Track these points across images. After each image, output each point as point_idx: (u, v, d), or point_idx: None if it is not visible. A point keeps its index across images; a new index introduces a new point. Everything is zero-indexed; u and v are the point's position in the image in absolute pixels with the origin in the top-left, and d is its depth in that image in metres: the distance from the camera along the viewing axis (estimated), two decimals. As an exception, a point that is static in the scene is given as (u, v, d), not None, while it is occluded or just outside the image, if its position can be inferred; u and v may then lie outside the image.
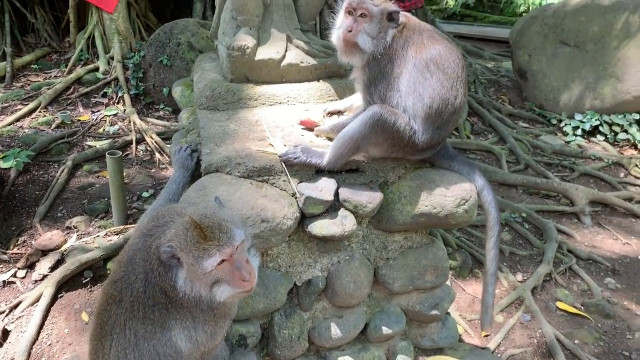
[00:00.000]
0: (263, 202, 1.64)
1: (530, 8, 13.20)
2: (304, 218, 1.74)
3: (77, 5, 4.61)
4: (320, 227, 1.71)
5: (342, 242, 1.85)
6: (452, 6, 13.85)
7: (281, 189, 1.74)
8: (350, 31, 1.75)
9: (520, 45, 5.01)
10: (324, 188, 1.72)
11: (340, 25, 1.81)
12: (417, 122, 1.74)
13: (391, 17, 1.76)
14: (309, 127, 2.00)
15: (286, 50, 2.30)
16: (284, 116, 2.12)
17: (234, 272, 1.28)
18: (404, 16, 1.81)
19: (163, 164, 3.44)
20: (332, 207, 1.74)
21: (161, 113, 3.99)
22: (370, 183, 1.82)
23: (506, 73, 5.82)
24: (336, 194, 1.73)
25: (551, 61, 4.80)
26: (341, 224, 1.73)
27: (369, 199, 1.74)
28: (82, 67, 4.33)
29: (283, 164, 1.73)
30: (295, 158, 1.70)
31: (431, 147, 1.83)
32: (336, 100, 2.26)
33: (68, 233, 2.81)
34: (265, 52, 2.25)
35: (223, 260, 1.27)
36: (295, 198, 1.71)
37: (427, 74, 1.75)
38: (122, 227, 2.77)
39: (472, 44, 7.80)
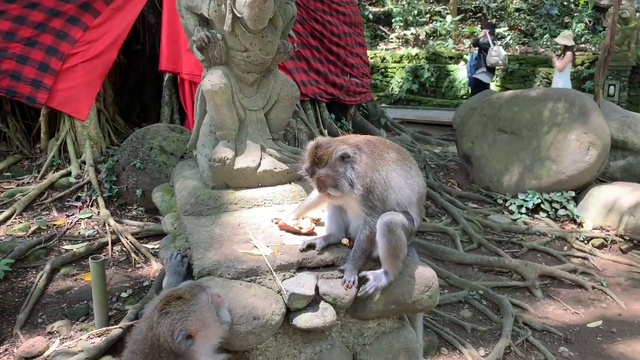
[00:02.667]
0: (253, 300, 1.84)
1: (469, 92, 14.31)
2: (289, 312, 1.95)
3: (48, 114, 4.83)
4: (304, 320, 1.92)
5: (323, 332, 2.05)
6: (397, 92, 14.75)
7: (267, 287, 1.95)
8: (320, 189, 2.02)
9: (463, 133, 5.54)
10: (306, 284, 1.95)
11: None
12: (412, 210, 2.03)
13: (343, 158, 1.97)
14: (287, 230, 2.24)
15: (261, 159, 2.60)
16: (262, 217, 2.38)
17: None
18: (355, 146, 2.03)
19: (139, 263, 3.57)
20: (314, 300, 1.96)
21: (134, 213, 4.16)
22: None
23: (453, 157, 6.34)
24: (316, 288, 1.96)
25: (492, 147, 5.32)
26: (322, 315, 1.94)
27: (346, 291, 1.97)
28: (54, 172, 4.49)
29: (268, 264, 1.96)
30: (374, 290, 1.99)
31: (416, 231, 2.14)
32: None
33: (50, 338, 2.87)
34: (242, 162, 2.54)
35: None
36: (281, 295, 1.93)
37: (406, 167, 2.07)
38: (104, 329, 2.86)
39: (418, 129, 8.44)
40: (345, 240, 2.13)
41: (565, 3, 15.31)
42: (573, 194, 4.97)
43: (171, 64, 5.05)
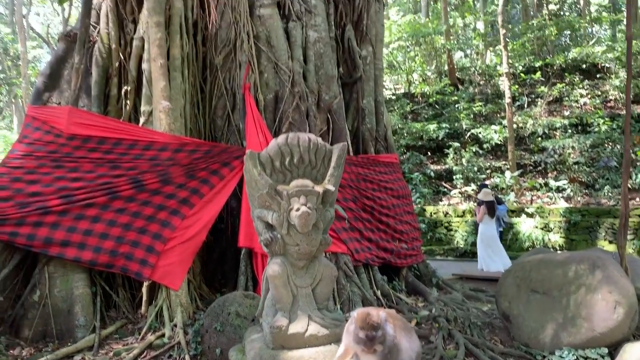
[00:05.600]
0: None
1: (535, 244, 14.70)
2: None
3: (149, 285, 6.03)
4: None
5: None
6: (462, 246, 15.38)
7: None
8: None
9: (501, 294, 6.16)
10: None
11: None
12: None
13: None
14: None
15: (308, 325, 3.49)
16: (309, 374, 3.21)
17: None
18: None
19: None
20: None
21: (212, 370, 5.02)
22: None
23: (498, 315, 6.84)
24: None
25: (527, 306, 5.87)
26: None
27: None
28: (152, 334, 5.54)
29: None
30: None
31: None
32: None
33: None
34: (294, 328, 3.44)
35: None
36: None
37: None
38: None
39: (474, 286, 8.98)
40: None
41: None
42: (606, 350, 5.32)
43: (248, 241, 6.24)
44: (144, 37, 6.59)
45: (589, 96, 20.12)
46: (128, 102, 6.71)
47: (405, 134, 20.39)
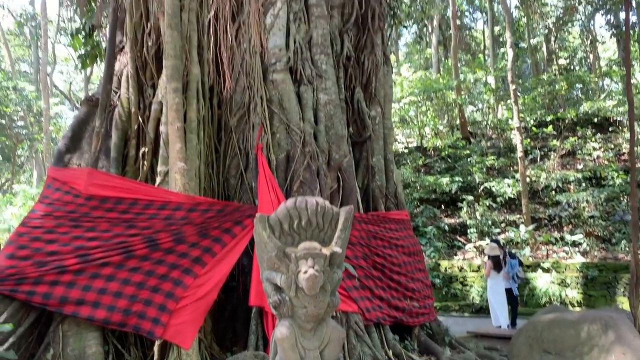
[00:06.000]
0: None
1: (552, 300, 14.44)
2: None
3: (160, 344, 6.07)
4: None
5: None
6: (478, 301, 15.15)
7: None
8: None
9: (513, 355, 6.09)
10: None
11: None
12: None
13: None
14: None
15: (315, 384, 3.51)
16: None
17: None
18: None
19: None
20: None
21: None
22: None
23: (513, 376, 6.71)
24: None
25: (540, 369, 5.79)
26: None
27: None
28: (161, 394, 5.53)
29: None
30: None
31: None
32: None
33: None
34: (301, 391, 3.46)
35: None
36: None
37: None
38: None
39: (489, 344, 8.82)
40: None
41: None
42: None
43: (259, 300, 6.29)
44: (162, 102, 6.90)
45: (602, 149, 20.19)
46: (145, 162, 6.97)
47: (418, 187, 20.50)
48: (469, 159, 21.39)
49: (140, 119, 7.11)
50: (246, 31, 7.43)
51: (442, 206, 19.94)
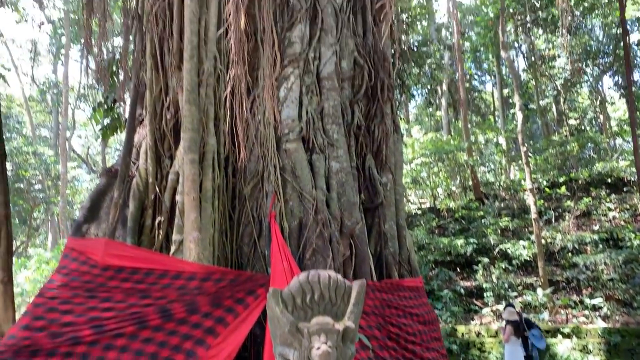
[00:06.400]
0: None
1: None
2: None
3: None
4: None
5: None
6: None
7: None
8: None
9: None
10: None
11: None
12: None
13: None
14: None
15: None
16: None
17: None
18: None
19: None
20: None
21: None
22: None
23: None
24: None
25: None
26: None
27: None
28: None
29: None
30: None
31: None
32: None
33: None
34: None
35: None
36: None
37: None
38: None
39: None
40: None
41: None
42: None
43: (271, 371, 6.21)
44: (178, 172, 7.11)
45: (618, 210, 20.03)
46: (161, 232, 7.10)
47: (432, 249, 20.34)
48: (482, 220, 21.30)
49: (157, 188, 7.31)
50: (261, 103, 7.72)
51: (458, 269, 19.70)
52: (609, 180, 22.10)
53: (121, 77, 7.99)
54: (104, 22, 7.40)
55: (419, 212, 25.19)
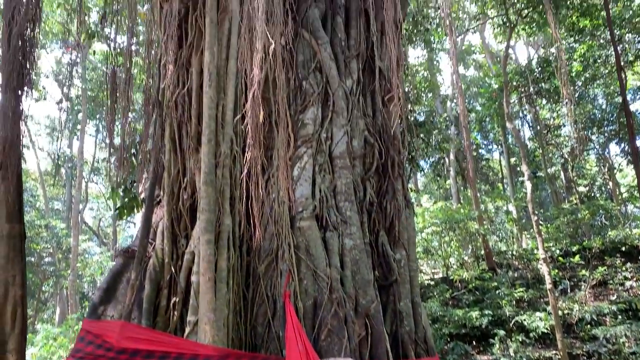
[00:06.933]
0: None
1: None
2: None
3: None
4: None
5: None
6: None
7: None
8: None
9: None
10: None
11: None
12: None
13: None
14: None
15: None
16: None
17: None
18: None
19: None
20: None
21: None
22: None
23: None
24: None
25: None
26: None
27: None
28: None
29: None
30: None
31: None
32: None
33: None
34: None
35: None
36: None
37: None
38: None
39: None
40: None
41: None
42: None
43: None
44: (194, 252, 7.20)
45: (635, 279, 19.67)
46: (175, 313, 7.09)
47: (447, 322, 19.88)
48: (497, 291, 20.93)
49: (172, 269, 7.37)
50: (275, 183, 7.91)
51: (474, 342, 19.16)
52: (623, 249, 21.83)
53: (140, 159, 8.26)
54: (127, 110, 7.76)
55: (432, 282, 24.82)
